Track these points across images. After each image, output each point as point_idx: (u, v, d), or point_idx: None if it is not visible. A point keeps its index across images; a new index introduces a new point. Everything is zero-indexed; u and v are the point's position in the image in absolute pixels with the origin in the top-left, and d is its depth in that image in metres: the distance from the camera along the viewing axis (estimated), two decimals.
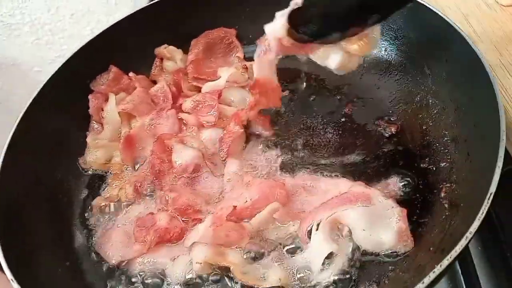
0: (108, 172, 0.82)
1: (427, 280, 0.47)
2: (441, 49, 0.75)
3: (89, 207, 0.77)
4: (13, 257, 0.61)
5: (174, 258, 0.67)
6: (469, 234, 0.49)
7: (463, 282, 0.71)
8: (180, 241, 0.68)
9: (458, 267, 0.73)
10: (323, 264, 0.61)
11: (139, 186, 0.76)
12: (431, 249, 0.60)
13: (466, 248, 0.51)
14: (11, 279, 0.56)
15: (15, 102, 1.75)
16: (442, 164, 0.70)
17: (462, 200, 0.62)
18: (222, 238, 0.65)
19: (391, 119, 0.79)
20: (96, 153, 0.82)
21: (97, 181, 0.82)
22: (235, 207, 0.67)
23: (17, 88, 1.68)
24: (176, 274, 0.65)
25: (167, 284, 0.66)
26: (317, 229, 0.63)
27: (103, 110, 0.85)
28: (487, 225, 0.73)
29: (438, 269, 0.48)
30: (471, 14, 0.84)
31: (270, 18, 0.64)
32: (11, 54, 1.62)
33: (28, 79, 1.67)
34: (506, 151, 0.61)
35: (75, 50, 0.91)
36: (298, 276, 0.62)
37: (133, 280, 0.67)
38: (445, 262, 0.48)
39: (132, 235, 0.69)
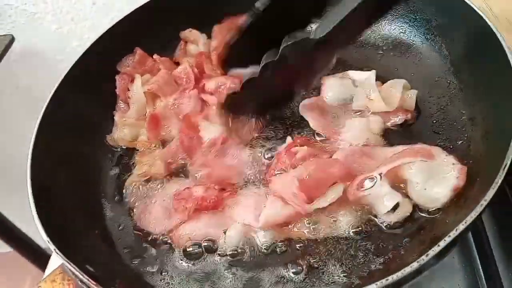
0: (136, 149, 0.86)
1: (442, 243, 0.49)
2: (460, 30, 0.77)
3: (122, 183, 0.81)
4: (49, 222, 0.64)
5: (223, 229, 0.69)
6: (483, 202, 0.51)
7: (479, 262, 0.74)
8: (218, 209, 0.71)
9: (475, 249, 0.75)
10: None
11: (170, 163, 0.80)
12: (447, 221, 0.62)
13: (480, 218, 0.53)
14: (47, 240, 0.60)
15: (37, 90, 1.79)
16: (459, 142, 0.72)
17: (477, 176, 0.64)
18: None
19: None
20: (124, 130, 0.86)
21: (125, 158, 0.86)
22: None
23: (39, 76, 1.72)
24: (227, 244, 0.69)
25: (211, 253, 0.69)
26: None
27: (129, 90, 0.89)
28: (503, 206, 0.76)
29: (453, 233, 0.50)
30: None
31: None
32: (33, 43, 1.66)
33: (50, 67, 1.71)
34: None
35: (100, 34, 0.94)
36: None
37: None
38: (461, 226, 0.50)
39: (170, 209, 0.73)
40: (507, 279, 0.70)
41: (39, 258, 1.89)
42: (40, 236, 0.61)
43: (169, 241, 0.72)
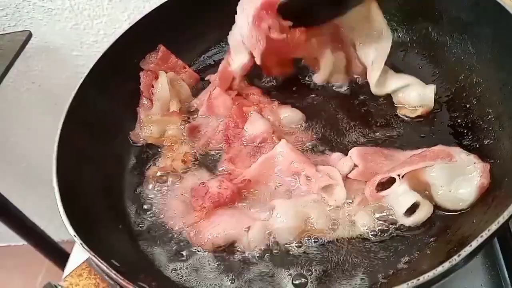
0: (160, 145, 0.86)
1: (475, 243, 0.49)
2: (487, 28, 0.76)
3: (144, 177, 0.82)
4: (74, 218, 0.65)
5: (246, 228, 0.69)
6: None
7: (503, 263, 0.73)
8: (236, 204, 0.72)
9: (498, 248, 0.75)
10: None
11: (186, 158, 0.81)
12: (474, 221, 0.61)
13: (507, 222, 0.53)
14: (74, 235, 0.61)
15: (54, 85, 1.82)
16: (486, 142, 0.71)
17: (506, 176, 0.63)
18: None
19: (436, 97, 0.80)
20: (151, 128, 0.86)
21: (148, 153, 0.86)
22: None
23: (56, 72, 1.74)
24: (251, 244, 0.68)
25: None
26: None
27: (153, 87, 0.89)
28: None
29: (486, 234, 0.49)
30: None
31: None
32: (51, 39, 1.67)
33: (66, 63, 1.72)
34: None
35: (121, 31, 0.94)
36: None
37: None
38: (493, 227, 0.50)
39: (189, 204, 0.73)
40: None
41: (52, 251, 1.91)
42: (53, 229, 0.62)
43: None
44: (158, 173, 0.80)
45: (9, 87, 1.71)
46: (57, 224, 0.65)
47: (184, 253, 0.71)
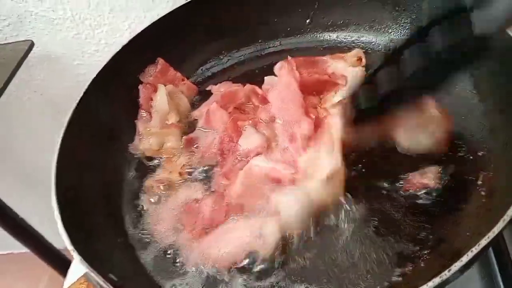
0: (158, 157, 0.88)
1: (465, 258, 0.50)
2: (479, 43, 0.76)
3: (142, 188, 0.83)
4: (72, 231, 0.65)
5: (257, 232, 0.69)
6: (506, 217, 0.52)
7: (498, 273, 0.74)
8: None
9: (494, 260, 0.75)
10: None
11: (183, 171, 0.82)
12: (467, 234, 0.62)
13: (501, 233, 0.53)
14: (72, 249, 0.62)
15: (56, 94, 1.83)
16: (480, 153, 0.72)
17: (499, 188, 0.64)
18: None
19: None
20: (150, 140, 0.88)
21: (146, 166, 0.87)
22: None
23: (57, 81, 1.75)
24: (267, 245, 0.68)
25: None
26: None
27: (152, 100, 0.90)
28: None
29: (476, 249, 0.50)
30: None
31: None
32: (52, 48, 1.68)
33: (68, 72, 1.74)
34: None
35: (121, 43, 0.95)
36: None
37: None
38: (483, 242, 0.50)
39: (180, 220, 0.74)
40: None
41: (55, 259, 1.92)
42: (54, 237, 0.63)
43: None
44: (155, 185, 0.81)
45: (11, 96, 1.72)
46: (57, 231, 0.66)
47: (182, 268, 0.71)
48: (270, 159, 0.75)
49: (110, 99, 0.90)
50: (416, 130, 0.73)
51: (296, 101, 0.80)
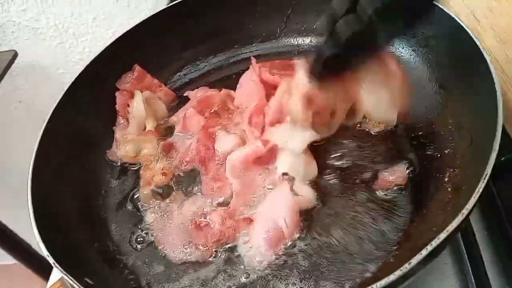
0: (137, 164, 0.89)
1: (424, 252, 0.51)
2: (446, 42, 0.79)
3: (123, 197, 0.84)
4: (48, 236, 0.66)
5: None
6: (465, 211, 0.53)
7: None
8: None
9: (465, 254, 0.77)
10: None
11: (167, 171, 0.84)
12: (434, 229, 0.63)
13: (461, 226, 0.55)
14: (47, 254, 0.62)
15: (40, 103, 1.83)
16: (447, 151, 0.73)
17: (464, 184, 0.66)
18: None
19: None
20: (126, 147, 0.88)
21: (125, 172, 0.88)
22: None
23: (42, 89, 1.76)
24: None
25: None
26: None
27: (129, 106, 0.91)
28: (493, 210, 0.78)
29: (436, 241, 0.52)
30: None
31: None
32: (36, 57, 1.70)
33: (52, 81, 1.75)
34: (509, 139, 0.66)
35: (99, 51, 0.96)
36: None
37: None
38: (442, 235, 0.52)
39: (189, 234, 0.74)
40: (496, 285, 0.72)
41: (44, 270, 1.92)
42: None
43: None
44: (147, 191, 0.81)
45: None
46: None
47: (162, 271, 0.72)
48: (241, 148, 0.79)
49: (87, 106, 0.91)
50: (377, 88, 0.76)
51: (258, 89, 0.87)
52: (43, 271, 1.92)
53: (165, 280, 0.71)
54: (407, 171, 0.74)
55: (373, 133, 0.82)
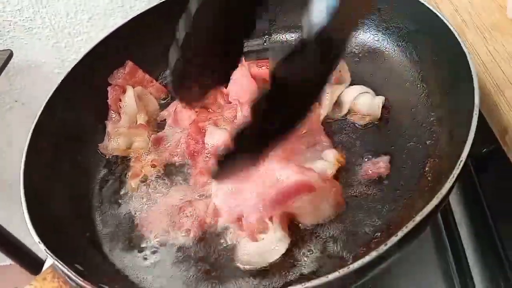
0: (128, 157, 0.91)
1: (400, 233, 0.53)
2: (428, 37, 0.82)
3: (113, 189, 0.86)
4: (40, 225, 0.68)
5: None
6: (439, 195, 0.56)
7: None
8: None
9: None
10: None
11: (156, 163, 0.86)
12: (413, 216, 0.65)
13: (437, 209, 0.57)
14: (38, 241, 0.64)
15: (36, 103, 1.84)
16: (428, 142, 0.76)
17: (443, 173, 0.67)
18: None
19: (384, 103, 0.84)
20: (118, 140, 0.90)
21: (116, 165, 0.90)
22: None
23: (38, 89, 1.77)
24: None
25: None
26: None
27: (121, 101, 0.93)
28: (473, 199, 0.80)
29: (411, 224, 0.54)
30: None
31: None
32: (32, 57, 1.70)
33: (48, 80, 1.76)
34: (487, 131, 0.69)
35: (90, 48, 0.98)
36: None
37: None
38: (417, 218, 0.54)
39: (176, 221, 0.76)
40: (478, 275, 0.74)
41: (40, 271, 1.92)
42: (40, 249, 0.65)
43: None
44: (136, 183, 0.84)
45: None
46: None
47: (150, 259, 0.74)
48: None
49: (78, 102, 0.93)
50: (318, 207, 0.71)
51: (250, 84, 0.89)
52: (38, 271, 1.92)
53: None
54: (389, 162, 0.75)
55: (358, 126, 0.84)
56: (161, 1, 1.04)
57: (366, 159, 0.77)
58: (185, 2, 1.03)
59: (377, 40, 0.92)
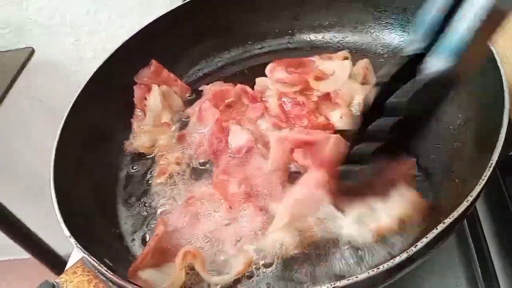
0: (153, 154, 0.92)
1: (430, 235, 0.54)
2: None
3: (138, 186, 0.87)
4: (70, 221, 0.69)
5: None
6: (469, 198, 0.56)
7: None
8: None
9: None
10: None
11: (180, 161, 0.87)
12: (441, 218, 0.65)
13: (466, 212, 0.57)
14: (68, 235, 0.65)
15: (55, 101, 1.86)
16: (454, 145, 0.76)
17: (470, 176, 0.67)
18: None
19: None
20: (143, 137, 0.92)
21: (141, 163, 0.91)
22: None
23: (57, 87, 1.79)
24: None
25: None
26: None
27: (146, 99, 0.95)
28: (499, 202, 0.80)
29: (440, 227, 0.54)
30: None
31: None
32: (51, 55, 1.72)
33: (67, 78, 1.77)
34: None
35: (113, 48, 0.99)
36: None
37: None
38: (447, 221, 0.54)
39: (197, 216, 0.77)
40: (503, 278, 0.73)
41: (57, 265, 1.95)
42: (57, 243, 0.66)
43: None
44: (161, 180, 0.85)
45: (11, 102, 1.76)
46: (62, 238, 0.69)
47: None
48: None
49: (105, 101, 0.93)
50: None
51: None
52: (56, 266, 1.95)
53: None
54: (416, 164, 0.75)
55: None
56: (184, 2, 1.06)
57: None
58: (206, 3, 1.05)
59: (402, 41, 0.92)
